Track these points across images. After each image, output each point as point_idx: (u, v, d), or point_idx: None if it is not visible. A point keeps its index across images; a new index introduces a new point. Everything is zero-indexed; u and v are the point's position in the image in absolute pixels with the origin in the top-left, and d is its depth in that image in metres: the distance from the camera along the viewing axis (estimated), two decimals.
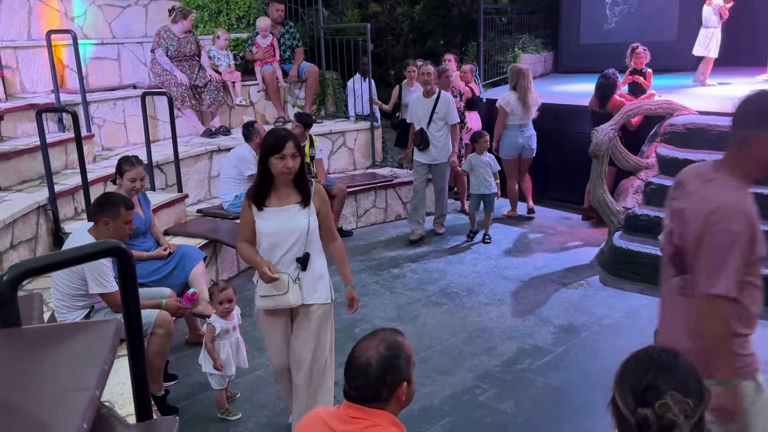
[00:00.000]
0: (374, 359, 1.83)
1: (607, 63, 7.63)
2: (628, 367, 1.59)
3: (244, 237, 3.26)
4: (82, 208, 5.21)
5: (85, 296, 3.54)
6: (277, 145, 3.06)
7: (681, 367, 1.54)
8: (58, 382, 1.21)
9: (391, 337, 1.91)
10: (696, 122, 6.48)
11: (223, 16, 8.93)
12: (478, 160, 6.72)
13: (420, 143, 6.65)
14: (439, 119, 6.56)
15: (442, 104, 6.56)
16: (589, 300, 5.37)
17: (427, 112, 6.56)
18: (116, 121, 6.88)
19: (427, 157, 6.70)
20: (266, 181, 3.15)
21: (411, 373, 1.90)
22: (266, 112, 8.38)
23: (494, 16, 11.42)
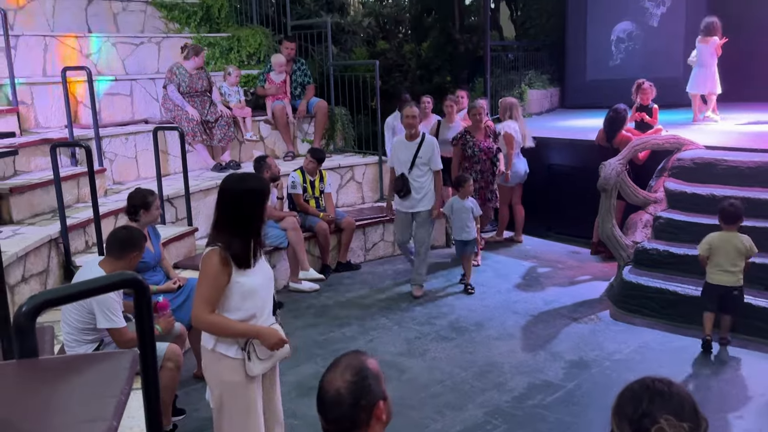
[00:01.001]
0: (343, 389, 1.77)
1: (613, 98, 7.70)
2: (623, 398, 1.61)
3: (212, 306, 2.79)
4: (93, 242, 5.24)
5: (93, 330, 3.55)
6: (265, 190, 2.93)
7: (675, 394, 1.56)
8: (75, 412, 1.21)
9: (353, 360, 1.85)
10: (703, 157, 6.51)
11: (234, 53, 9.09)
12: (460, 204, 6.40)
13: (401, 189, 6.12)
14: (422, 164, 6.08)
15: (426, 148, 6.08)
16: (599, 335, 5.33)
17: (409, 157, 6.07)
18: (128, 156, 6.97)
19: (408, 205, 6.17)
20: (255, 232, 2.87)
21: (384, 389, 1.84)
22: (276, 147, 8.46)
23: (500, 53, 11.57)
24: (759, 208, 5.65)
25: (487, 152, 6.91)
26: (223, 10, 9.44)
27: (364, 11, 13.75)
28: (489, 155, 6.92)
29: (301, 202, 6.87)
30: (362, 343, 5.29)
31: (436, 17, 14.37)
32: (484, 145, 6.88)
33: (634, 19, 11.56)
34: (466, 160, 6.91)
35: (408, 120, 6.11)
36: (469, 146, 6.87)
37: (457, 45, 13.25)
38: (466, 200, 6.39)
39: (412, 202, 6.15)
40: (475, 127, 6.90)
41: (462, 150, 6.91)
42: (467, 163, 6.91)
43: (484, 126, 6.95)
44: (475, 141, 6.86)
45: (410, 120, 6.09)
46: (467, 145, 6.87)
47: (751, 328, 5.06)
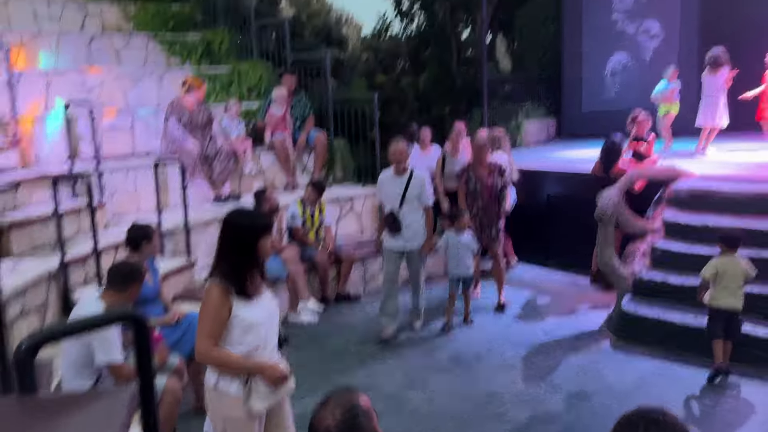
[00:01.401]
0: (333, 427, 1.76)
1: (609, 129, 7.78)
2: (620, 426, 1.64)
3: (215, 340, 2.80)
4: (92, 275, 5.25)
5: (91, 365, 3.54)
6: (269, 224, 2.92)
7: (670, 423, 1.58)
8: None
9: (342, 398, 1.84)
10: (699, 187, 6.56)
11: (234, 86, 9.21)
12: (456, 239, 6.20)
13: (391, 226, 5.93)
14: (412, 200, 5.87)
15: (415, 184, 5.88)
16: (599, 365, 5.31)
17: (398, 192, 5.86)
18: (128, 189, 7.01)
19: (399, 243, 5.95)
20: (251, 267, 2.88)
21: (376, 425, 1.82)
22: (276, 179, 8.51)
23: (497, 85, 11.73)
24: (755, 238, 5.67)
25: (490, 189, 6.58)
26: (223, 45, 9.59)
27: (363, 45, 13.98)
28: (492, 192, 6.59)
29: (300, 235, 6.90)
30: (362, 375, 5.27)
31: (433, 50, 14.60)
32: (487, 181, 6.59)
33: (629, 52, 11.74)
34: (468, 196, 6.69)
35: (396, 155, 5.90)
36: (472, 182, 6.65)
37: (454, 77, 13.45)
38: (462, 235, 6.22)
39: (403, 240, 5.93)
40: (477, 162, 6.67)
41: (466, 185, 6.69)
42: (469, 198, 6.67)
43: (488, 162, 6.70)
44: (478, 176, 6.62)
45: (398, 155, 5.89)
46: (470, 181, 6.65)
47: (750, 357, 5.04)
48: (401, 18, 14.96)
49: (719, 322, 4.94)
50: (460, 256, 6.19)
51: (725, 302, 4.91)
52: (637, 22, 11.67)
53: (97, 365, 3.51)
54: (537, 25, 12.89)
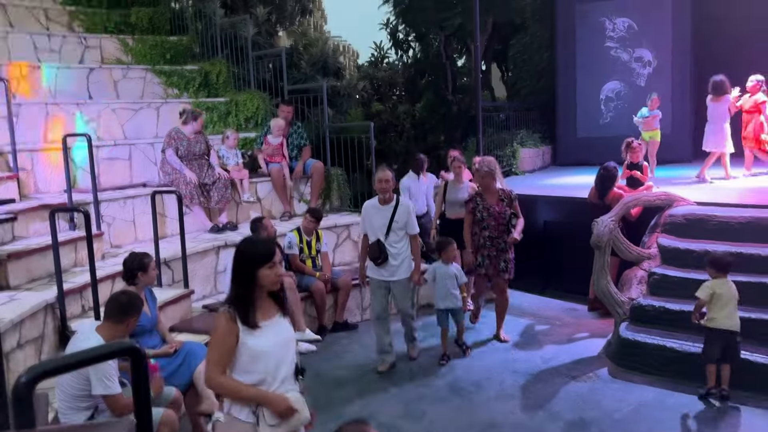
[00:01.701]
0: None
1: (605, 156, 7.85)
2: None
3: (223, 368, 2.81)
4: (89, 306, 5.24)
5: (88, 397, 3.52)
6: (269, 253, 2.88)
7: None
8: None
9: (355, 429, 1.86)
10: (695, 213, 6.60)
11: (232, 116, 9.30)
12: (443, 270, 6.06)
13: (378, 257, 5.75)
14: (398, 229, 5.76)
15: (402, 212, 5.77)
16: (598, 393, 5.29)
17: (384, 222, 5.75)
18: (126, 219, 7.03)
19: (386, 273, 5.80)
20: (252, 295, 2.87)
21: None
22: (273, 208, 8.55)
23: (492, 113, 11.84)
24: (751, 263, 5.70)
25: (498, 217, 6.23)
26: (221, 76, 9.70)
27: (359, 75, 14.14)
28: (500, 221, 6.24)
29: (297, 263, 6.91)
30: (359, 405, 5.24)
31: (429, 79, 14.76)
32: (495, 209, 6.25)
33: (622, 79, 11.90)
34: (475, 225, 6.35)
35: (381, 184, 5.75)
36: (479, 210, 6.30)
37: (450, 106, 13.58)
38: (450, 265, 6.08)
39: (389, 270, 5.79)
40: (486, 190, 6.34)
41: (472, 214, 6.36)
42: (476, 228, 6.35)
43: (497, 189, 6.39)
44: (486, 205, 6.28)
45: (384, 184, 5.74)
46: (477, 209, 6.31)
47: (749, 384, 5.03)
48: (396, 49, 15.16)
49: (717, 345, 4.96)
50: (448, 288, 6.04)
51: (724, 323, 4.94)
52: (631, 49, 11.85)
53: (93, 397, 3.50)
54: (531, 54, 13.08)
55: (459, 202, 7.06)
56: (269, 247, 2.94)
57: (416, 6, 13.53)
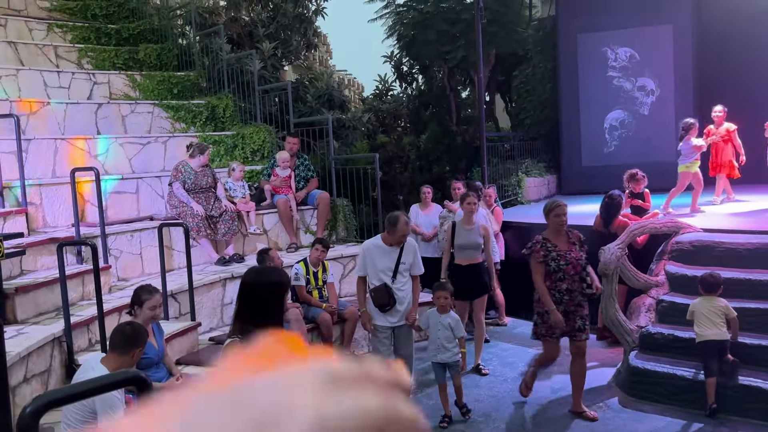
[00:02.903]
0: None
1: (610, 184, 7.87)
2: None
3: None
4: (96, 339, 5.24)
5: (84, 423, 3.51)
6: (289, 282, 2.99)
7: None
8: None
9: None
10: (702, 239, 6.58)
11: (238, 149, 9.38)
12: (437, 320, 5.39)
13: (387, 303, 5.25)
14: (405, 271, 5.36)
15: (408, 252, 5.33)
16: (609, 423, 5.22)
17: (391, 265, 5.29)
18: (133, 252, 7.06)
19: (393, 320, 5.36)
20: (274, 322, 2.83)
21: None
22: (279, 239, 8.57)
23: (497, 143, 11.91)
24: (758, 289, 5.66)
25: (576, 265, 5.13)
26: (228, 110, 9.82)
27: (364, 107, 14.28)
28: (578, 269, 5.15)
29: (303, 294, 6.90)
30: None
31: (433, 111, 14.89)
32: (571, 256, 5.14)
33: (626, 108, 11.97)
34: (547, 277, 5.17)
35: (402, 234, 5.22)
36: (552, 258, 5.13)
37: (454, 136, 13.68)
38: (445, 315, 5.40)
39: (396, 315, 5.36)
40: (555, 232, 5.25)
41: (544, 263, 5.17)
42: (548, 281, 5.16)
43: (566, 230, 5.34)
44: (559, 251, 5.16)
45: (404, 235, 5.27)
46: (549, 257, 5.14)
47: (761, 413, 4.96)
48: (400, 81, 15.32)
49: (711, 357, 5.14)
50: (441, 340, 5.35)
51: (704, 334, 5.15)
52: (633, 79, 11.95)
53: None
54: (534, 84, 13.20)
55: (472, 245, 6.46)
56: (286, 275, 3.04)
57: (420, 39, 13.72)
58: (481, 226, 6.52)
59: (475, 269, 6.48)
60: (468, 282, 6.38)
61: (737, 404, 5.11)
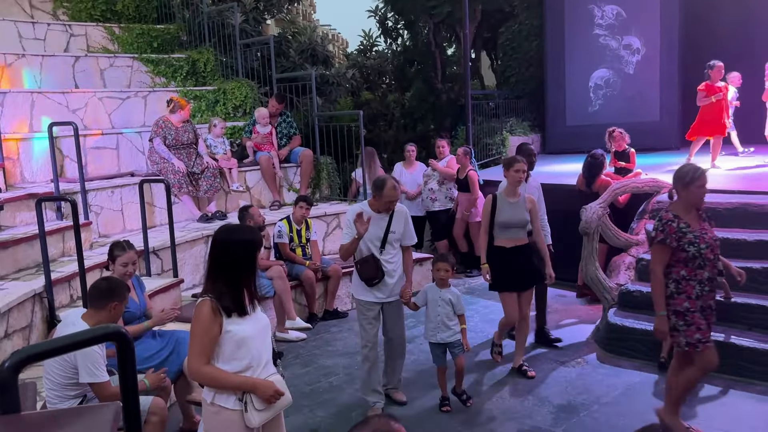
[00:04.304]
0: None
1: (594, 143, 7.88)
2: None
3: (207, 358, 2.79)
4: (78, 296, 5.22)
5: (76, 385, 3.51)
6: (261, 240, 2.93)
7: None
8: None
9: (384, 426, 1.83)
10: None
11: (220, 105, 9.24)
12: (436, 295, 4.84)
13: (374, 276, 4.67)
14: (395, 241, 4.77)
15: (399, 220, 4.75)
16: (587, 378, 5.33)
17: (379, 233, 4.70)
18: (113, 209, 6.99)
19: (381, 295, 4.76)
20: (245, 282, 2.88)
21: None
22: (262, 197, 8.53)
23: (482, 101, 11.84)
24: (737, 249, 5.75)
25: (714, 247, 4.05)
26: (209, 65, 9.63)
27: (348, 63, 14.08)
28: (716, 252, 4.09)
29: (287, 252, 6.90)
30: (350, 392, 5.26)
31: (418, 68, 14.73)
32: (708, 236, 4.05)
33: (611, 67, 11.91)
34: (682, 265, 4.04)
35: (390, 205, 4.66)
36: (689, 242, 3.99)
37: (439, 94, 13.56)
38: (445, 290, 4.87)
39: (385, 290, 4.76)
40: (688, 207, 4.09)
41: (678, 247, 4.02)
42: (684, 269, 4.03)
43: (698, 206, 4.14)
44: (694, 232, 4.02)
45: (391, 206, 4.68)
46: (685, 240, 3.99)
47: (735, 368, 5.09)
48: (385, 37, 15.10)
49: None
50: (441, 318, 4.82)
51: None
52: (619, 37, 11.86)
53: (81, 385, 3.49)
54: (520, 41, 13.06)
55: (519, 223, 5.24)
56: (257, 233, 2.99)
57: None
58: (527, 199, 5.32)
59: (524, 252, 5.30)
60: (516, 268, 5.26)
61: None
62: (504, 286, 5.34)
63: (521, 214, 5.23)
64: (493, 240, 5.30)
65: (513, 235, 5.25)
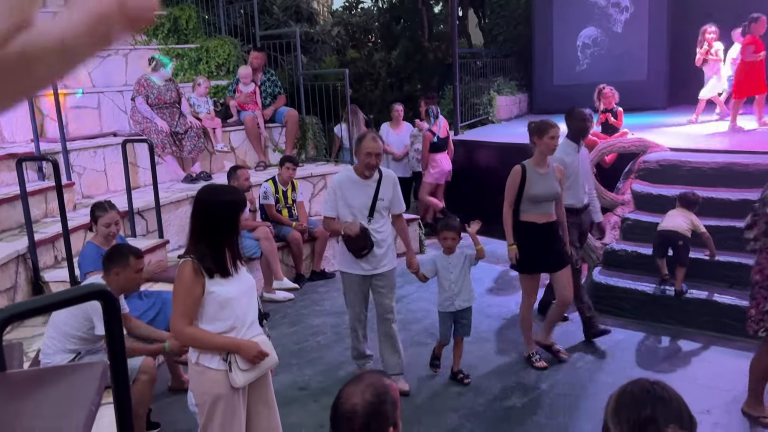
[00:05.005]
0: (360, 406, 1.79)
1: (581, 103, 7.77)
2: (622, 401, 1.60)
3: (189, 318, 2.79)
4: (62, 257, 5.18)
5: (81, 340, 3.56)
6: (243, 201, 2.92)
7: (674, 399, 1.58)
8: (45, 424, 1.21)
9: (377, 381, 1.87)
10: (668, 159, 6.66)
11: (203, 64, 9.06)
12: (445, 263, 4.60)
13: (363, 246, 4.35)
14: (383, 209, 4.46)
15: (387, 186, 4.44)
16: (571, 336, 5.40)
17: (366, 201, 4.39)
18: (96, 169, 6.89)
19: (369, 266, 4.44)
20: (225, 243, 2.85)
21: (398, 416, 1.87)
22: (247, 158, 8.44)
23: (469, 60, 11.70)
24: (722, 208, 5.80)
25: None
26: (191, 22, 9.41)
27: (333, 20, 13.83)
28: None
29: (273, 213, 6.87)
30: (338, 351, 5.30)
31: (405, 26, 14.49)
32: None
33: (599, 25, 11.78)
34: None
35: (371, 159, 4.30)
36: None
37: (426, 53, 13.38)
38: (452, 256, 4.61)
39: (373, 262, 4.44)
40: None
41: None
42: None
43: None
44: None
45: (374, 160, 4.32)
46: None
47: (717, 325, 5.18)
48: None
49: (659, 244, 5.49)
50: (457, 284, 4.57)
51: (665, 224, 5.46)
52: None
53: (85, 340, 3.55)
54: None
55: (551, 195, 4.73)
56: (240, 194, 2.97)
57: None
58: (556, 168, 4.83)
59: (554, 229, 4.82)
60: (549, 247, 4.76)
61: (693, 317, 5.32)
62: (537, 266, 4.81)
63: (553, 185, 4.71)
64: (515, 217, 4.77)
65: (545, 210, 4.73)
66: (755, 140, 7.14)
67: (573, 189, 5.09)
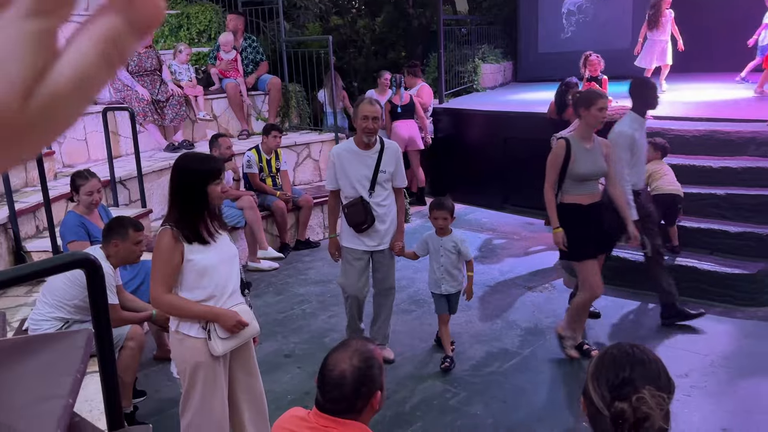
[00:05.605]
0: (348, 372, 1.84)
1: (565, 71, 7.81)
2: (602, 363, 1.63)
3: (168, 286, 2.80)
4: (44, 226, 5.13)
5: (74, 308, 3.56)
6: (219, 170, 2.89)
7: (653, 362, 1.61)
8: (31, 391, 1.22)
9: (363, 347, 1.91)
10: (651, 126, 6.66)
11: (183, 30, 8.91)
12: (437, 244, 4.41)
13: (363, 221, 4.20)
14: (385, 181, 4.27)
15: (389, 158, 4.25)
16: (553, 302, 5.48)
17: (368, 173, 4.21)
18: (77, 138, 6.80)
19: (371, 242, 4.30)
20: (202, 212, 2.84)
21: (383, 380, 1.92)
22: (229, 126, 8.36)
23: (454, 27, 11.60)
24: (702, 175, 5.85)
25: None
26: None
27: None
28: None
29: (257, 182, 6.84)
30: (323, 319, 5.34)
31: None
32: None
33: None
34: None
35: (368, 123, 4.11)
36: None
37: (410, 20, 13.23)
38: (446, 238, 4.41)
39: (376, 237, 4.29)
40: None
41: None
42: None
43: None
44: None
45: (372, 123, 4.12)
46: None
47: (697, 291, 5.27)
48: None
49: (660, 208, 5.21)
50: (444, 267, 4.40)
51: (668, 189, 5.33)
52: None
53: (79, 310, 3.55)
54: None
55: (599, 172, 4.32)
56: (217, 162, 2.96)
57: None
58: (602, 143, 4.39)
59: (600, 210, 4.38)
60: (597, 229, 4.33)
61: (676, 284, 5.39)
62: (587, 252, 4.31)
63: (600, 162, 4.26)
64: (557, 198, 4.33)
65: (591, 189, 4.30)
66: (737, 108, 7.19)
67: (637, 167, 4.67)
